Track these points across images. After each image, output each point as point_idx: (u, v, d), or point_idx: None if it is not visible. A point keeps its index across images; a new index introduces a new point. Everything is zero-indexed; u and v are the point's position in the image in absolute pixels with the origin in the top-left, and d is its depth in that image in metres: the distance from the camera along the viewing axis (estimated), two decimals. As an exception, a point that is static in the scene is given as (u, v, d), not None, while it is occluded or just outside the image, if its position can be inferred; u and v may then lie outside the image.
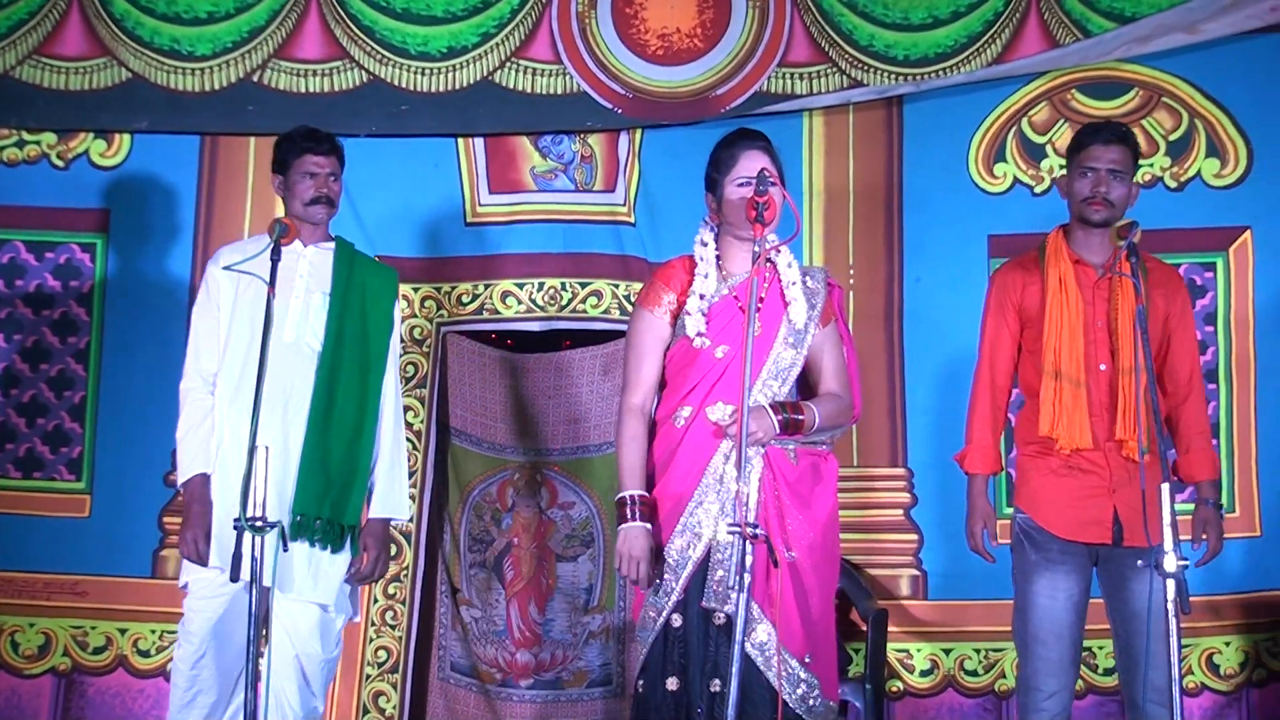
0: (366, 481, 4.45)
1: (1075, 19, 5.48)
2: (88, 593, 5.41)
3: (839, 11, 5.56)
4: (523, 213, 5.59)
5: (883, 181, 5.57)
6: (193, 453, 4.38)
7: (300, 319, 4.42)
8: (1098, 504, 4.29)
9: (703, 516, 3.97)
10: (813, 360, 4.14)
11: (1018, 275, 4.48)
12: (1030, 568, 4.35)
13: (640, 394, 4.12)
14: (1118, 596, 4.33)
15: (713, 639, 3.93)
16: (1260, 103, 5.47)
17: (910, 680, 5.43)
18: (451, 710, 5.55)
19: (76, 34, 5.59)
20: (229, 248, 4.58)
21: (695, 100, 5.58)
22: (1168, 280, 4.45)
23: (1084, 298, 4.33)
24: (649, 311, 4.14)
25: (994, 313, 4.51)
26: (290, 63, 5.60)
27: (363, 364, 4.46)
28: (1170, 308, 4.39)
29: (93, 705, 5.41)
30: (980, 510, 4.42)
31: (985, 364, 4.50)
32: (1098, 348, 4.31)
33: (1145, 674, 4.14)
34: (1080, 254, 4.38)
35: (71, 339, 5.55)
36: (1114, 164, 4.32)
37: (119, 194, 5.56)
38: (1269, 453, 5.40)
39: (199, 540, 4.29)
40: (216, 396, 4.39)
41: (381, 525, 4.50)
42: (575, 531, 5.65)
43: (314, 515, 4.31)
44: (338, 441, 4.37)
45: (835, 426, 4.12)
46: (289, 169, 4.49)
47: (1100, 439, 4.28)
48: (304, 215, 4.46)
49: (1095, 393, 4.29)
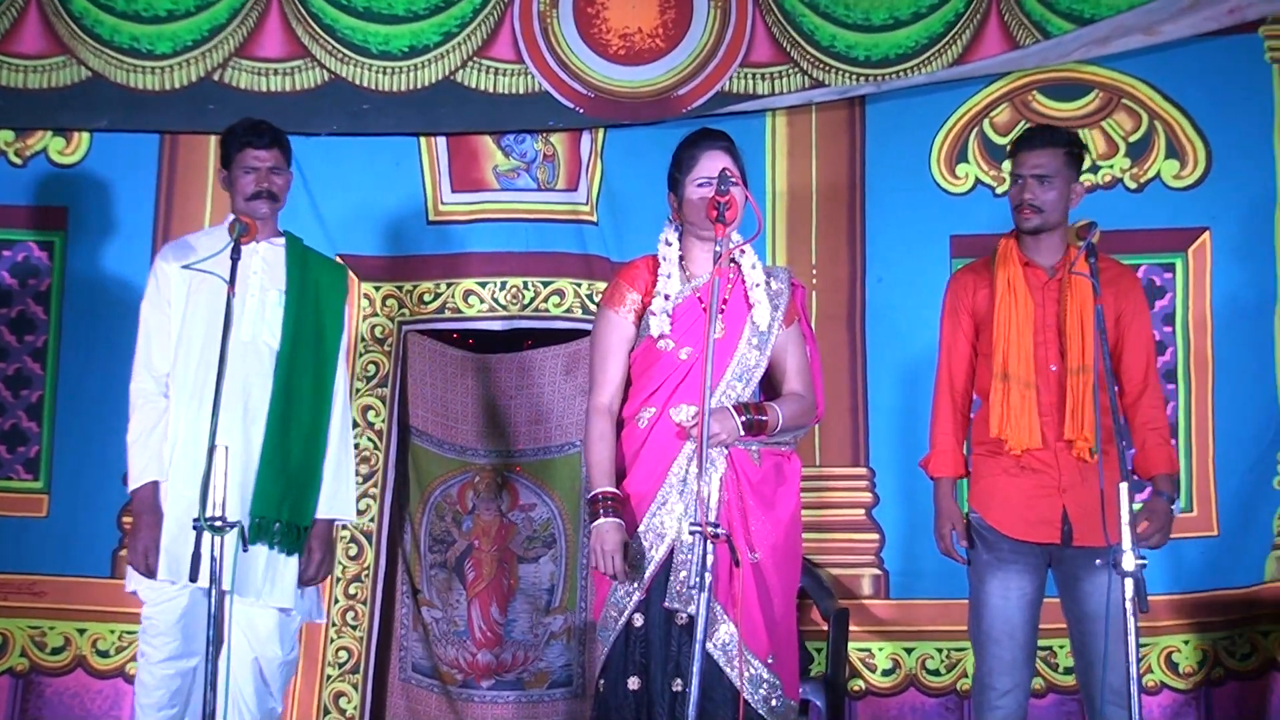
0: (320, 483, 4.40)
1: (1035, 20, 5.51)
2: (46, 593, 5.37)
3: (800, 12, 5.57)
4: (485, 211, 5.59)
5: (845, 182, 5.58)
6: (145, 458, 4.32)
7: (257, 317, 4.37)
8: (1047, 504, 4.30)
9: (665, 517, 3.97)
10: (776, 360, 4.15)
11: (970, 279, 4.51)
12: (983, 568, 4.37)
13: (606, 394, 4.12)
14: (1071, 597, 4.35)
15: (674, 639, 3.93)
16: (1219, 104, 5.50)
17: (872, 679, 5.44)
18: (413, 711, 5.53)
19: (35, 32, 5.56)
20: (174, 244, 4.53)
21: (657, 100, 5.58)
22: (1120, 278, 4.45)
23: (1034, 299, 4.35)
24: (613, 311, 4.13)
25: (949, 318, 4.54)
26: (251, 61, 5.58)
27: (317, 363, 4.42)
28: (1123, 306, 4.40)
29: (50, 706, 5.38)
30: (948, 513, 4.44)
31: (944, 369, 4.52)
32: (1048, 349, 4.33)
33: (1103, 675, 4.17)
34: (1030, 256, 4.40)
35: (29, 337, 5.51)
36: (1039, 169, 4.33)
37: (78, 192, 5.53)
38: (1226, 453, 5.43)
39: (149, 552, 4.25)
40: (171, 398, 4.34)
41: (327, 526, 4.46)
42: (537, 533, 5.64)
43: (273, 518, 4.28)
44: (296, 443, 4.34)
45: (799, 427, 4.14)
46: (231, 163, 4.43)
47: (1050, 439, 4.30)
48: (245, 210, 4.38)
49: (1045, 393, 4.31)
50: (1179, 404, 5.46)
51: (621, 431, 4.11)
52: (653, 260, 4.14)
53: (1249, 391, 5.43)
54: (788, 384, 4.16)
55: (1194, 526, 5.38)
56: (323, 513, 4.43)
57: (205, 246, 4.33)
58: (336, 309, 4.52)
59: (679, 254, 4.13)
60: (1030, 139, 4.42)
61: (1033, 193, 4.34)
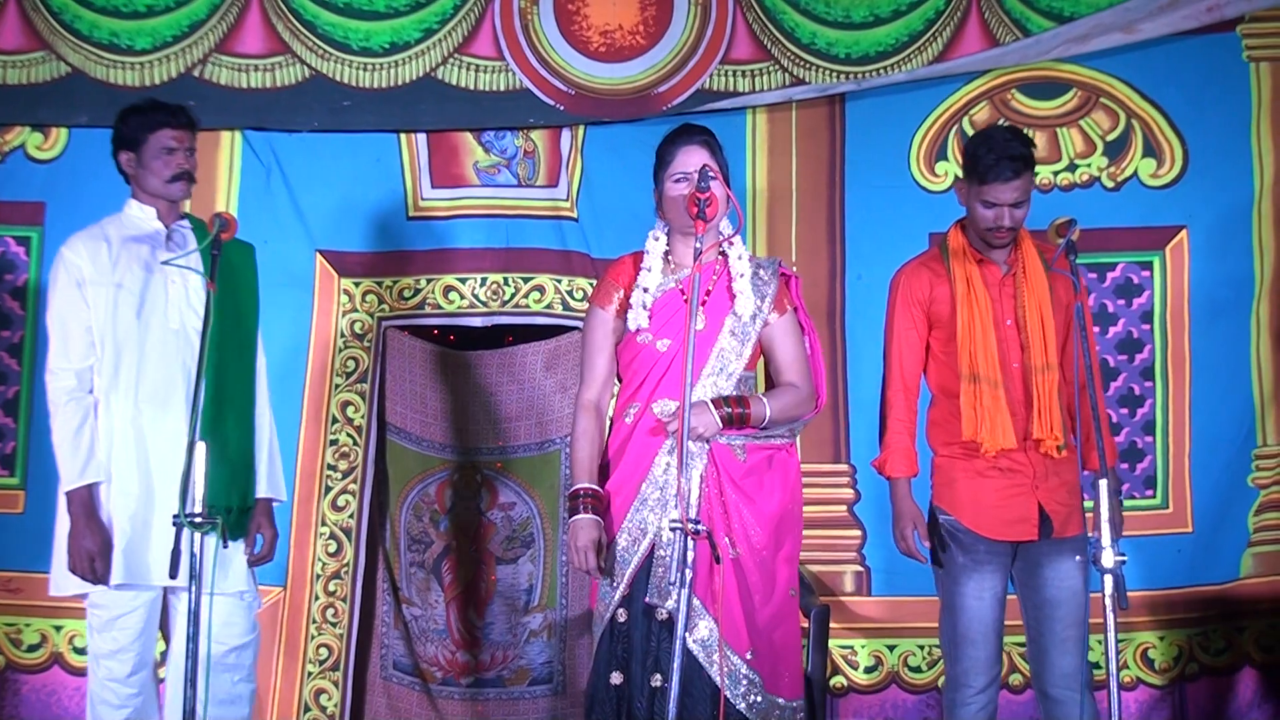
0: (255, 464, 4.33)
1: (1015, 18, 5.53)
2: (21, 589, 5.34)
3: (781, 9, 5.58)
4: (465, 207, 5.58)
5: (825, 179, 5.59)
6: (79, 459, 4.16)
7: (183, 303, 4.27)
8: (1022, 502, 4.28)
9: (647, 514, 3.99)
10: (769, 352, 4.15)
11: (924, 275, 4.42)
12: (958, 570, 4.33)
13: (593, 390, 4.15)
14: (1029, 585, 4.34)
15: (654, 634, 3.94)
16: (1196, 103, 5.53)
17: (854, 677, 5.45)
18: (393, 708, 5.52)
19: (14, 27, 5.54)
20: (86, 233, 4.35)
21: (637, 97, 5.58)
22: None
23: (990, 296, 4.31)
24: (599, 308, 4.16)
25: (900, 313, 4.44)
26: (231, 58, 5.56)
27: (240, 344, 4.33)
28: (1071, 295, 4.26)
29: (26, 703, 5.35)
30: (908, 513, 4.39)
31: (895, 367, 4.44)
32: (1008, 345, 4.30)
33: (1051, 659, 4.20)
34: (983, 253, 4.36)
35: (5, 333, 5.49)
36: (1017, 194, 4.24)
37: (55, 187, 5.50)
38: (1202, 450, 5.46)
39: (94, 557, 4.12)
40: (99, 393, 4.22)
41: (268, 505, 4.39)
42: (515, 533, 5.64)
43: (223, 505, 4.14)
44: (232, 428, 4.26)
45: (793, 418, 4.12)
46: (141, 145, 4.30)
47: (1019, 437, 4.27)
48: (163, 193, 4.29)
49: (1010, 390, 4.28)
50: (1156, 401, 5.49)
51: (611, 428, 4.14)
52: (640, 256, 4.15)
53: (1225, 389, 5.46)
54: (783, 375, 4.15)
55: (1170, 523, 5.42)
56: (262, 492, 4.36)
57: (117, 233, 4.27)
58: (251, 287, 4.42)
59: (665, 249, 4.13)
60: (1000, 169, 4.22)
61: (1012, 219, 4.26)
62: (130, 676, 4.22)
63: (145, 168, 4.31)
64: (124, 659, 4.21)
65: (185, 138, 4.32)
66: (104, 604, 4.22)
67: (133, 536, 4.17)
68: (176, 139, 4.30)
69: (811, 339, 4.23)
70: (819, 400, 4.19)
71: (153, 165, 4.30)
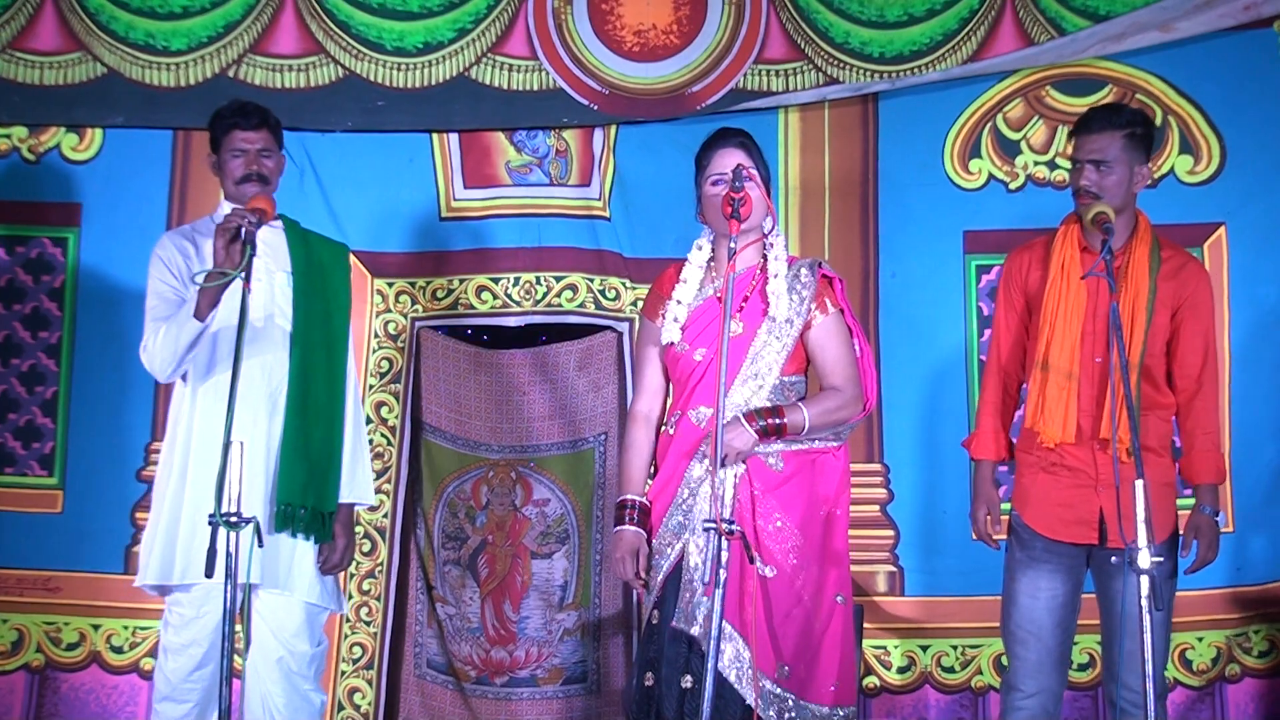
0: (340, 467, 4.33)
1: (1050, 17, 5.50)
2: (60, 589, 5.38)
3: (815, 9, 5.56)
4: (498, 207, 5.59)
5: (858, 177, 5.57)
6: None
7: (268, 299, 4.29)
8: (1084, 503, 4.17)
9: (680, 518, 3.99)
10: (813, 355, 4.09)
11: (1025, 258, 4.35)
12: (1014, 565, 4.28)
13: (644, 400, 4.18)
14: (1104, 596, 4.27)
15: (684, 638, 3.92)
16: (1233, 100, 5.48)
17: (887, 677, 5.44)
18: (427, 707, 5.54)
19: (51, 28, 5.56)
20: (176, 233, 4.44)
21: (671, 97, 5.58)
22: (1182, 270, 4.23)
23: (1087, 287, 4.15)
24: (649, 321, 4.18)
25: (1002, 294, 4.39)
26: (266, 58, 5.58)
27: (328, 344, 4.35)
28: (1182, 299, 4.18)
29: (66, 702, 5.38)
30: (985, 496, 4.33)
31: (992, 348, 4.41)
32: (1096, 340, 4.15)
33: (1119, 674, 4.13)
34: (1090, 241, 4.22)
35: (43, 334, 5.52)
36: (1095, 154, 4.12)
37: (91, 188, 5.53)
38: (1242, 449, 5.40)
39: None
40: (188, 393, 4.25)
41: (349, 511, 4.41)
42: (550, 528, 5.64)
43: (299, 504, 4.19)
44: (316, 426, 4.27)
45: (837, 423, 4.03)
46: (220, 146, 4.35)
47: (1086, 435, 4.15)
48: (234, 194, 4.31)
49: (1086, 386, 4.16)
50: (1195, 399, 5.45)
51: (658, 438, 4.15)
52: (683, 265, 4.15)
53: (1265, 387, 5.42)
54: (827, 379, 4.07)
55: (1209, 523, 5.38)
56: (344, 497, 4.36)
57: (205, 232, 4.28)
58: (342, 287, 4.46)
59: (709, 257, 4.12)
60: (1087, 122, 4.17)
61: (1089, 178, 4.12)
62: (194, 672, 4.22)
63: (222, 169, 4.37)
64: (193, 654, 4.22)
65: (257, 139, 4.32)
66: (185, 602, 4.22)
67: (193, 534, 4.13)
68: (246, 140, 4.31)
69: (860, 340, 4.14)
70: (867, 403, 4.09)
71: (227, 166, 4.34)
